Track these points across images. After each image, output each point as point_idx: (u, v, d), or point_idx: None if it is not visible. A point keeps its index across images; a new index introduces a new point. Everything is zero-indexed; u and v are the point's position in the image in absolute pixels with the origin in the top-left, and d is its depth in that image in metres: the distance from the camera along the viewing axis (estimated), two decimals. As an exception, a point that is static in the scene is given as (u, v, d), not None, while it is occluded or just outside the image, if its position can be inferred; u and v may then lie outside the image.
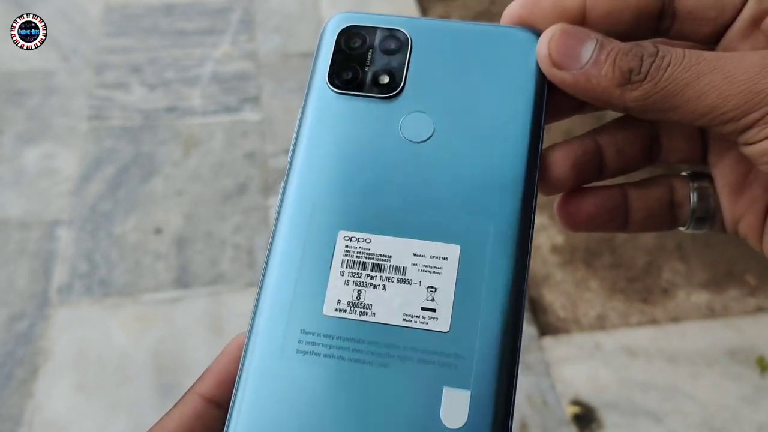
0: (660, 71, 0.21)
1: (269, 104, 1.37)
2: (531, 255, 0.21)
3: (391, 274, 0.21)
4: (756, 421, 0.90)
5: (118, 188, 1.20)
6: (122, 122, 1.32)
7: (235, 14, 1.59)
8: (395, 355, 0.20)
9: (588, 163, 0.25)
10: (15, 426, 0.90)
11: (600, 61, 0.21)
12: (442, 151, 0.22)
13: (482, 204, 0.21)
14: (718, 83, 0.20)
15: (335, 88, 0.24)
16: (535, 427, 0.90)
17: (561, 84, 0.22)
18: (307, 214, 0.22)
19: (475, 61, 0.23)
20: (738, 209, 0.25)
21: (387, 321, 0.20)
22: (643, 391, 0.93)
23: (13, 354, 0.97)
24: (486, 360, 0.19)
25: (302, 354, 0.20)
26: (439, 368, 0.19)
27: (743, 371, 0.95)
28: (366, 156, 0.22)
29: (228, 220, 1.16)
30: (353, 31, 0.25)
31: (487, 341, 0.20)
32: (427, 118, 0.23)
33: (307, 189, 0.22)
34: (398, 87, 0.23)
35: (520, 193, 0.21)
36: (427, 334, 0.20)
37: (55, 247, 1.11)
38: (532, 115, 0.23)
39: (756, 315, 1.02)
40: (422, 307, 0.20)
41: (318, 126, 0.23)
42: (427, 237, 0.21)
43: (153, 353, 0.97)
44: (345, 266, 0.21)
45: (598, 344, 0.98)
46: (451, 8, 1.64)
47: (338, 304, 0.21)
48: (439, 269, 0.21)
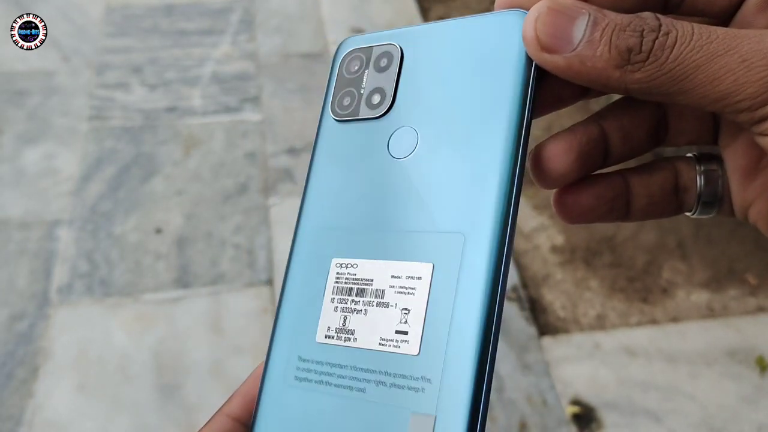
0: (665, 50, 0.18)
1: (269, 104, 1.37)
2: (509, 266, 0.20)
3: (372, 298, 0.21)
4: (756, 420, 0.90)
5: (118, 188, 1.20)
6: (123, 122, 1.32)
7: (236, 14, 1.59)
8: (371, 380, 0.20)
9: (592, 151, 0.23)
10: (15, 426, 0.90)
11: (594, 40, 0.19)
12: (421, 166, 0.22)
13: (457, 218, 0.20)
14: (734, 67, 0.18)
15: (336, 117, 0.24)
16: (535, 426, 0.90)
17: (553, 69, 0.20)
18: (311, 240, 0.23)
19: (462, 59, 0.22)
20: (749, 194, 0.23)
21: (365, 346, 0.20)
22: (643, 390, 0.93)
23: (14, 354, 0.97)
24: (452, 383, 0.18)
25: (299, 380, 0.21)
26: (408, 392, 0.19)
27: (743, 371, 0.95)
28: (358, 179, 0.23)
29: (228, 220, 1.16)
30: (354, 54, 0.25)
31: (454, 364, 0.19)
32: (411, 132, 0.22)
33: (311, 215, 0.23)
34: (388, 104, 0.23)
35: (496, 202, 0.20)
36: (399, 357, 0.20)
37: (56, 247, 1.11)
38: (515, 113, 0.21)
39: (756, 315, 1.02)
40: (396, 330, 0.20)
41: (322, 155, 0.24)
42: (405, 257, 0.21)
43: (153, 353, 0.97)
44: (335, 293, 0.22)
45: (598, 344, 0.98)
46: (451, 8, 1.64)
47: (328, 330, 0.21)
48: (413, 290, 0.20)
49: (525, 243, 1.12)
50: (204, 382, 0.94)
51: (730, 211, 0.24)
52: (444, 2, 1.65)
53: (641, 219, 0.25)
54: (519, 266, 1.09)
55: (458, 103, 0.22)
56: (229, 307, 1.03)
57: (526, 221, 1.15)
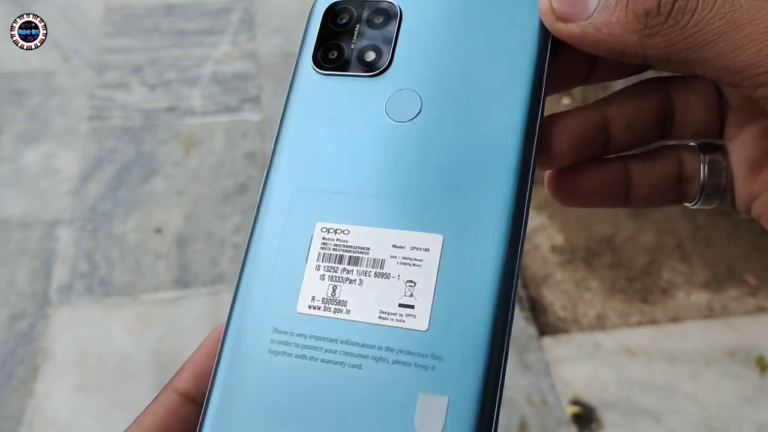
0: (685, 14, 0.18)
1: (269, 104, 1.37)
2: (523, 246, 0.19)
3: (368, 268, 0.19)
4: (755, 420, 0.90)
5: (118, 188, 1.20)
6: (123, 122, 1.32)
7: (236, 14, 1.59)
8: (369, 356, 0.18)
9: (592, 137, 0.22)
10: (15, 425, 0.90)
11: (610, 5, 0.18)
12: (428, 132, 0.20)
13: (470, 190, 0.19)
14: (758, 37, 0.17)
15: (320, 69, 0.22)
16: (535, 426, 0.90)
17: (568, 39, 0.19)
18: (287, 202, 0.20)
19: (469, 27, 0.21)
20: (755, 187, 0.23)
21: (362, 319, 0.18)
22: (643, 390, 0.93)
23: (14, 353, 0.97)
24: (467, 363, 0.17)
25: (273, 354, 0.19)
26: (416, 370, 0.17)
27: (743, 371, 0.95)
28: (348, 140, 0.21)
29: (228, 219, 1.16)
30: (341, 6, 0.23)
31: (469, 342, 0.17)
32: (414, 95, 0.21)
33: (287, 176, 0.21)
34: (385, 63, 0.21)
35: (513, 176, 0.19)
36: (404, 332, 0.18)
37: (56, 246, 1.11)
38: (530, 85, 0.20)
39: (756, 315, 1.02)
40: (400, 303, 0.18)
41: (301, 110, 0.22)
42: (409, 226, 0.19)
43: (153, 353, 0.97)
44: (321, 260, 0.19)
45: (598, 344, 0.98)
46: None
47: (312, 300, 0.19)
48: (420, 261, 0.19)
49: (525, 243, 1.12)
50: (204, 381, 0.94)
51: (732, 203, 0.24)
52: None
53: (641, 207, 0.24)
54: (519, 266, 1.09)
55: (468, 72, 0.21)
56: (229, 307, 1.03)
57: (526, 221, 1.15)
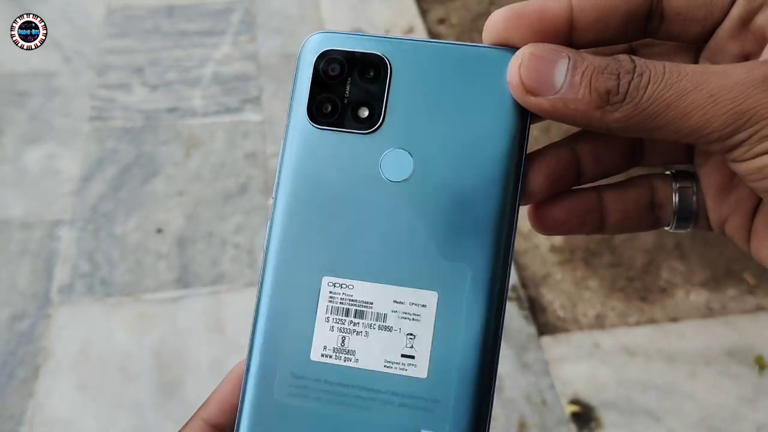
0: (639, 90, 0.20)
1: (270, 105, 1.37)
2: (507, 294, 0.22)
3: (373, 321, 0.22)
4: (754, 420, 0.90)
5: (119, 188, 1.21)
6: (124, 123, 1.33)
7: (236, 15, 1.60)
8: (377, 399, 0.21)
9: (563, 173, 0.24)
10: (16, 425, 0.90)
11: (575, 83, 0.20)
12: (420, 192, 0.22)
13: (460, 248, 0.21)
14: (702, 102, 0.19)
15: (315, 124, 0.23)
16: (534, 426, 0.90)
17: (538, 111, 0.21)
18: (292, 253, 0.22)
19: (455, 88, 0.22)
20: (724, 210, 0.25)
21: (370, 367, 0.21)
22: (642, 390, 0.93)
23: (15, 353, 0.97)
24: (461, 404, 0.20)
25: (293, 396, 0.21)
26: (418, 412, 0.21)
27: (742, 370, 0.95)
28: (347, 196, 0.22)
29: (229, 220, 1.16)
30: (331, 56, 0.23)
31: (462, 386, 0.21)
32: (406, 156, 0.22)
33: (291, 230, 0.22)
34: (378, 121, 0.22)
35: (498, 234, 0.22)
36: (406, 379, 0.21)
37: (57, 246, 1.11)
38: (512, 146, 0.22)
39: (755, 314, 1.02)
40: (402, 354, 0.21)
41: (300, 163, 0.23)
42: (407, 283, 0.22)
43: (154, 352, 0.98)
44: (329, 312, 0.22)
45: (597, 343, 0.99)
46: (451, 9, 1.64)
47: (324, 350, 0.22)
48: (418, 316, 0.21)
49: (524, 242, 1.12)
50: (204, 381, 0.94)
51: (707, 225, 0.26)
52: (443, 3, 1.66)
53: (616, 233, 0.26)
54: (518, 266, 1.09)
55: (455, 132, 0.22)
56: (230, 307, 1.04)
57: (524, 221, 1.15)
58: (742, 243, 0.25)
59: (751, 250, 0.25)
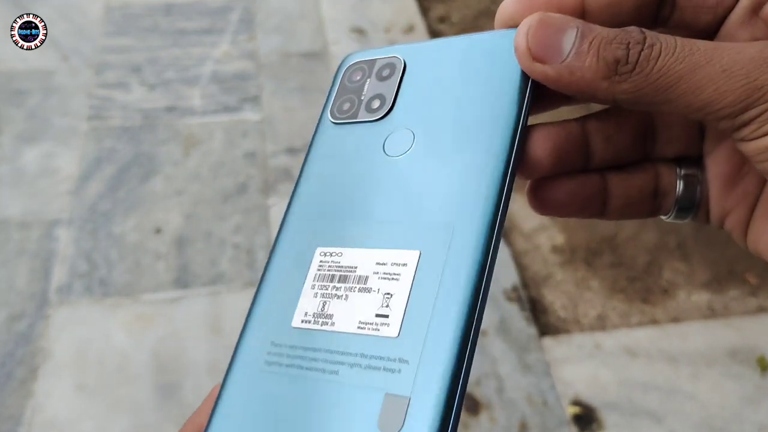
0: (650, 61, 0.19)
1: (269, 104, 1.37)
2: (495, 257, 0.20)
3: (354, 284, 0.21)
4: (756, 421, 0.90)
5: (117, 188, 1.20)
6: (122, 122, 1.32)
7: (235, 14, 1.59)
8: (346, 362, 0.20)
9: (570, 147, 0.23)
10: (15, 426, 0.90)
11: (582, 51, 0.20)
12: (414, 162, 0.22)
13: (447, 210, 0.21)
14: (715, 77, 0.19)
15: (334, 120, 0.25)
16: (535, 427, 0.89)
17: (543, 79, 0.21)
18: (295, 232, 0.23)
19: (462, 73, 0.23)
20: (728, 202, 0.24)
21: (343, 329, 0.20)
22: (644, 391, 0.93)
23: (13, 354, 0.97)
24: (429, 365, 0.18)
25: (268, 365, 0.21)
26: (384, 374, 0.19)
27: (744, 371, 0.95)
28: (351, 175, 0.23)
29: (228, 219, 1.16)
30: (356, 66, 0.26)
31: (433, 346, 0.19)
32: (407, 132, 0.23)
33: (298, 210, 0.23)
34: (387, 108, 0.24)
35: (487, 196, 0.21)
36: (377, 340, 0.20)
37: (55, 246, 1.11)
38: (510, 118, 0.22)
39: (757, 315, 1.02)
40: (376, 313, 0.20)
41: (317, 154, 0.25)
42: (391, 245, 0.21)
43: (153, 353, 0.97)
44: (316, 280, 0.22)
45: (599, 344, 0.98)
46: (452, 7, 1.63)
47: (305, 316, 0.21)
48: (398, 275, 0.20)
49: (525, 243, 1.12)
50: (203, 381, 0.94)
51: (706, 218, 0.25)
52: (444, 1, 1.65)
53: (616, 218, 0.25)
54: (519, 266, 1.08)
55: (455, 108, 0.23)
56: (229, 307, 1.03)
57: (526, 221, 1.15)
58: (740, 238, 0.25)
59: (748, 245, 0.24)
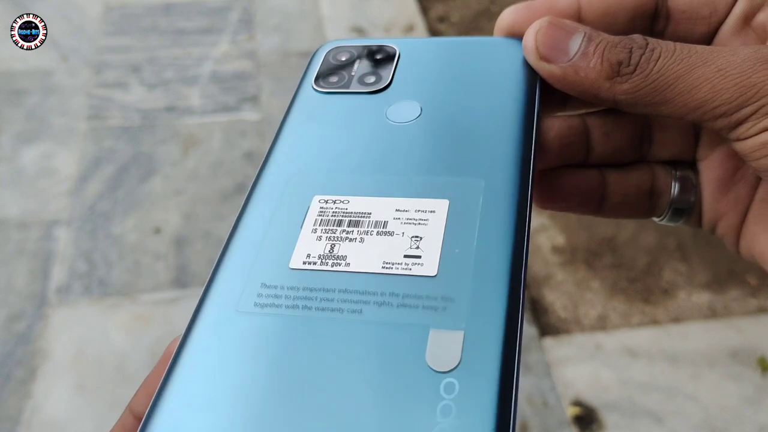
0: (650, 63, 0.20)
1: (268, 104, 1.37)
2: (531, 213, 0.19)
3: (371, 228, 0.19)
4: (757, 421, 0.90)
5: (117, 188, 1.20)
6: (121, 122, 1.32)
7: (235, 13, 1.59)
8: (371, 301, 0.17)
9: (573, 139, 0.24)
10: (13, 426, 0.89)
11: (588, 53, 0.21)
12: (428, 128, 0.22)
13: (473, 168, 0.20)
14: (711, 76, 0.20)
15: (319, 88, 0.24)
16: (536, 427, 0.89)
17: (549, 77, 0.22)
18: (281, 184, 0.21)
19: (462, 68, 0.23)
20: (721, 207, 0.25)
21: (363, 269, 0.18)
22: (644, 391, 0.93)
23: (12, 354, 0.96)
24: (483, 300, 0.17)
25: (260, 307, 0.18)
26: (424, 311, 0.17)
27: (744, 372, 0.95)
28: (346, 135, 0.22)
29: (227, 219, 1.15)
30: (341, 49, 0.25)
31: (483, 283, 0.17)
32: (413, 102, 0.23)
33: (279, 168, 0.21)
34: (386, 83, 0.23)
35: (517, 153, 0.20)
36: (410, 279, 0.18)
37: (54, 247, 1.10)
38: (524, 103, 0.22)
39: (757, 315, 1.02)
40: (405, 254, 0.18)
41: (298, 117, 0.23)
42: (413, 196, 0.20)
43: (152, 353, 0.97)
44: (318, 224, 0.19)
45: (599, 345, 0.98)
46: (451, 7, 1.63)
47: (308, 257, 0.19)
48: (425, 221, 0.19)
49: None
50: (203, 382, 0.94)
51: (698, 222, 0.26)
52: (443, 1, 1.65)
53: (612, 216, 0.26)
54: (519, 266, 1.08)
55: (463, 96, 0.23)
56: (229, 308, 1.03)
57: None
58: (732, 244, 0.25)
59: (740, 250, 0.25)
